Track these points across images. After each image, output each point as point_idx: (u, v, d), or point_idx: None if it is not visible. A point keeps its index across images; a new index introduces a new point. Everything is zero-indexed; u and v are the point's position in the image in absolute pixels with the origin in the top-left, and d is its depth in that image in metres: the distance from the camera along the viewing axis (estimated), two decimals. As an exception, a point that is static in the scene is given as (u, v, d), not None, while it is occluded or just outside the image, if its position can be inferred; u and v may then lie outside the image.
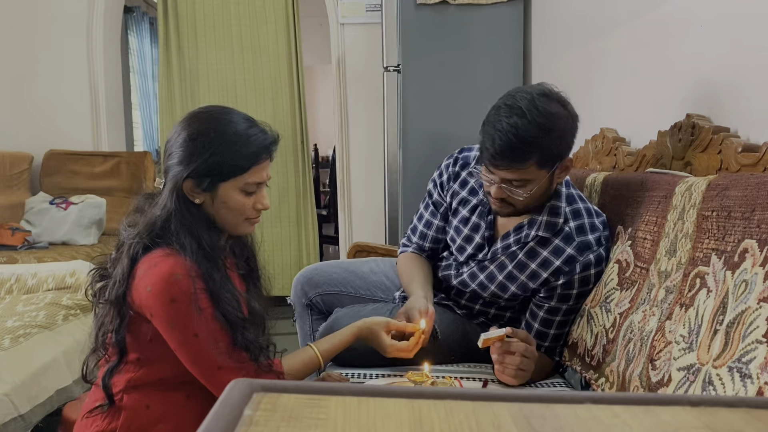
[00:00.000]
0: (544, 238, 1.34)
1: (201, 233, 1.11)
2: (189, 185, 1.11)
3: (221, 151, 1.10)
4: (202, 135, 1.11)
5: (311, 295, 1.73)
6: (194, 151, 1.10)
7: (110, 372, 1.11)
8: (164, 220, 1.10)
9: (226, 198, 1.13)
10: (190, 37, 3.36)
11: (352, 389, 0.41)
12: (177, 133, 1.13)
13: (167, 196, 1.11)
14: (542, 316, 1.39)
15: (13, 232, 2.96)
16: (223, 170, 1.11)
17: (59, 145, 3.44)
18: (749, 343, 0.78)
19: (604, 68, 1.83)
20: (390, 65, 2.50)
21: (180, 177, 1.10)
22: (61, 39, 3.43)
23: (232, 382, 0.39)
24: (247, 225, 1.18)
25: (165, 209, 1.11)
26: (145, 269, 1.07)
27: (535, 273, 1.36)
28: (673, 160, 1.35)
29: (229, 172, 1.11)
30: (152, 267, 1.06)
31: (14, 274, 2.29)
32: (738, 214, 0.90)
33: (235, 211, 1.14)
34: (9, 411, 1.56)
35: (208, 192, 1.12)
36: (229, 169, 1.11)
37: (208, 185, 1.11)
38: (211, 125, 1.13)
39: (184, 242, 1.09)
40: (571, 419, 0.37)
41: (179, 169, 1.10)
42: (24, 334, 1.80)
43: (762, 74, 1.14)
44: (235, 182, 1.12)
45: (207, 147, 1.10)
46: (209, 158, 1.10)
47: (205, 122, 1.14)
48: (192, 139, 1.11)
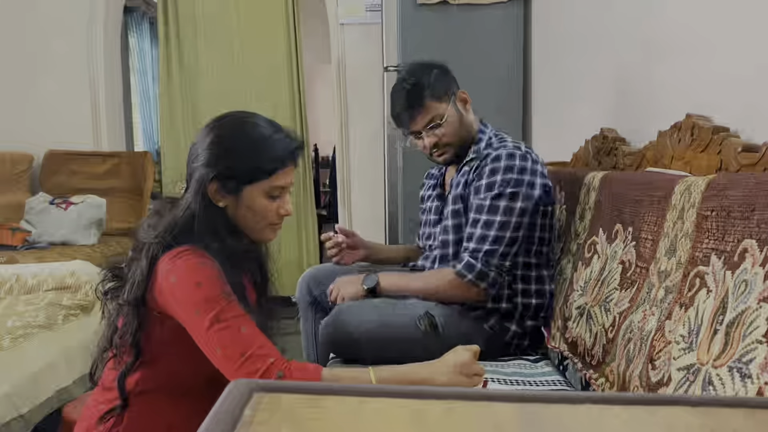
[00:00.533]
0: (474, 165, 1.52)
1: (224, 236, 1.10)
2: (214, 187, 1.10)
3: (248, 154, 1.11)
4: (229, 138, 1.12)
5: (316, 293, 1.76)
6: (221, 153, 1.10)
7: (124, 374, 1.09)
8: (186, 222, 1.09)
9: (250, 202, 1.12)
10: (190, 37, 3.36)
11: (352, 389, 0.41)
12: (204, 136, 1.13)
13: (191, 197, 1.11)
14: None
15: (13, 232, 2.96)
16: (250, 173, 1.11)
17: (59, 145, 3.44)
18: (749, 343, 0.78)
19: (604, 68, 1.83)
20: (390, 65, 2.50)
21: (206, 178, 1.09)
22: (61, 39, 3.43)
23: (232, 382, 0.39)
24: (270, 231, 1.18)
25: (188, 210, 1.10)
26: (167, 264, 1.06)
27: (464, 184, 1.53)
28: (673, 160, 1.35)
29: (255, 175, 1.11)
30: (175, 260, 1.05)
31: (14, 274, 2.28)
32: (738, 213, 0.90)
33: (259, 216, 1.14)
34: (9, 411, 1.55)
35: (233, 195, 1.12)
36: (256, 172, 1.11)
37: (234, 188, 1.11)
38: (238, 128, 1.14)
39: (207, 243, 1.08)
40: (571, 419, 0.37)
41: (205, 171, 1.10)
42: (24, 334, 1.80)
43: (762, 74, 1.14)
44: (260, 186, 1.12)
45: (234, 149, 1.11)
46: (236, 161, 1.10)
47: (231, 125, 1.15)
48: (219, 142, 1.11)
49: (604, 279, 1.30)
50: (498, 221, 1.44)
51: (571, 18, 2.09)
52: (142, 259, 1.07)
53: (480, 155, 1.53)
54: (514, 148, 1.49)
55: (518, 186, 1.45)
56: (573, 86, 2.08)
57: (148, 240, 1.09)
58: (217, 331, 1.03)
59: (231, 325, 1.03)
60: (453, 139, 1.55)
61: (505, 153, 1.47)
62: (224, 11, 3.35)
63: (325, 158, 6.22)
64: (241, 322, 1.04)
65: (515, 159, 1.46)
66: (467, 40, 2.40)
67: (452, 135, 1.54)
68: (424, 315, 1.46)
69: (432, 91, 1.51)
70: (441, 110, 1.52)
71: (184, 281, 1.04)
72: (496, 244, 1.44)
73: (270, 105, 3.37)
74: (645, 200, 1.22)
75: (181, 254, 1.05)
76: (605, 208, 1.40)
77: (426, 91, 1.51)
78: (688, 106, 1.33)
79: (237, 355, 1.02)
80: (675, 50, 1.44)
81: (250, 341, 1.03)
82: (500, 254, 1.45)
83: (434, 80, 1.52)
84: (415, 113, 1.52)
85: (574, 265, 1.48)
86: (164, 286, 1.05)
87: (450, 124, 1.53)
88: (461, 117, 1.55)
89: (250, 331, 1.04)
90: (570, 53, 2.10)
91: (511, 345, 1.54)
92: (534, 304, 1.54)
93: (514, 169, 1.45)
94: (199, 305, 1.03)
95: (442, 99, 1.52)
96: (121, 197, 3.39)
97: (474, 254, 1.45)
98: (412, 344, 1.43)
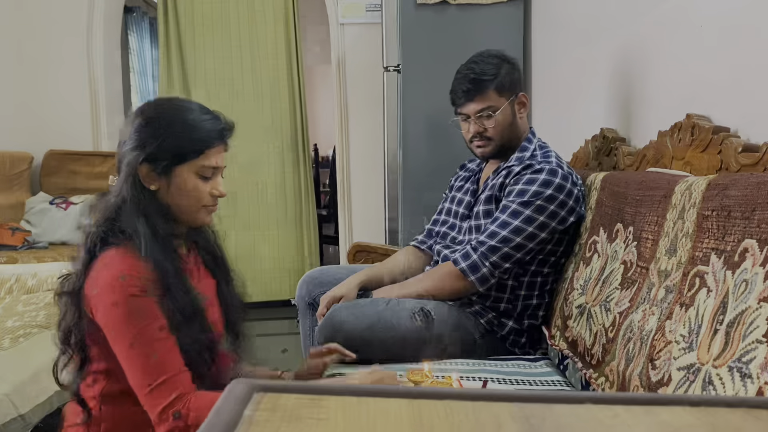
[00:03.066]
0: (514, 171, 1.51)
1: (156, 220, 1.08)
2: (145, 170, 1.08)
3: (176, 134, 1.09)
4: (156, 119, 1.10)
5: (315, 294, 1.76)
6: (149, 135, 1.08)
7: (77, 380, 1.08)
8: (118, 207, 1.07)
9: (182, 183, 1.10)
10: (190, 37, 3.35)
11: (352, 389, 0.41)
12: (130, 121, 1.11)
13: (122, 183, 1.08)
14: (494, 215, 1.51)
15: (13, 232, 2.96)
16: (179, 153, 1.09)
17: (59, 145, 3.43)
18: (749, 342, 0.78)
19: (604, 68, 1.83)
20: (390, 65, 2.50)
21: (135, 162, 1.07)
22: (61, 39, 3.43)
23: (233, 382, 0.39)
24: (205, 214, 1.15)
25: (120, 196, 1.08)
26: (97, 269, 1.04)
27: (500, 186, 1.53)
28: (673, 160, 1.35)
29: (184, 154, 1.09)
30: (103, 268, 1.04)
31: (14, 274, 2.28)
32: (738, 213, 0.90)
33: (192, 197, 1.12)
34: (9, 411, 1.55)
35: (164, 177, 1.09)
36: (184, 151, 1.09)
37: (164, 169, 1.09)
38: (165, 110, 1.13)
39: (138, 229, 1.05)
40: (571, 419, 0.37)
41: (134, 155, 1.07)
42: (24, 334, 1.80)
43: (762, 74, 1.14)
44: (190, 166, 1.10)
45: (161, 130, 1.09)
46: (164, 141, 1.08)
47: (158, 108, 1.14)
48: (146, 124, 1.09)
49: (605, 278, 1.30)
50: (514, 225, 1.44)
51: (570, 18, 2.09)
52: (82, 252, 1.07)
53: (522, 163, 1.52)
54: (557, 166, 1.48)
55: (549, 202, 1.45)
56: (573, 86, 2.08)
57: (86, 230, 1.08)
58: (128, 358, 1.02)
59: (141, 353, 1.01)
60: (497, 135, 1.55)
61: (548, 168, 1.46)
62: (224, 11, 3.35)
63: (325, 158, 6.22)
64: (153, 348, 1.02)
65: (556, 176, 1.46)
66: (467, 40, 2.39)
67: (498, 131, 1.54)
68: (419, 310, 1.47)
69: (498, 82, 1.52)
70: (498, 103, 1.53)
71: (102, 298, 1.02)
72: (502, 244, 1.44)
73: (270, 105, 3.37)
74: (645, 200, 1.22)
75: (109, 263, 1.04)
76: (606, 207, 1.40)
77: (492, 80, 1.52)
78: (688, 106, 1.33)
79: (145, 384, 1.01)
80: (675, 50, 1.44)
81: (159, 371, 1.01)
82: (502, 254, 1.45)
83: (504, 73, 1.53)
84: (473, 96, 1.53)
85: (576, 265, 1.48)
86: (90, 293, 1.04)
87: (500, 120, 1.53)
88: (513, 118, 1.56)
89: (162, 358, 1.02)
90: (570, 53, 2.10)
91: (507, 340, 1.55)
92: (534, 303, 1.55)
93: (551, 185, 1.45)
94: (115, 327, 1.02)
95: (503, 94, 1.53)
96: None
97: (476, 246, 1.46)
98: (408, 340, 1.45)
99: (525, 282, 1.53)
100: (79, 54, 3.44)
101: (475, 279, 1.46)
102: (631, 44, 1.66)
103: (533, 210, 1.44)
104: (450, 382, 1.26)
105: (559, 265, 1.56)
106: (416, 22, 2.39)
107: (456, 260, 1.48)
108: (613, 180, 1.42)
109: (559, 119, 2.24)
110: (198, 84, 3.37)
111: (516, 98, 1.55)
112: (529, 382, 1.37)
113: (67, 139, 3.45)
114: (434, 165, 2.38)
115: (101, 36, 3.45)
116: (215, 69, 3.36)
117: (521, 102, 1.57)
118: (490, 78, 1.51)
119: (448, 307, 1.53)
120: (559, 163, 1.51)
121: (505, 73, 1.53)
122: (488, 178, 1.60)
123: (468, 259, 1.46)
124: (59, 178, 3.37)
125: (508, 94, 1.53)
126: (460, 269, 1.47)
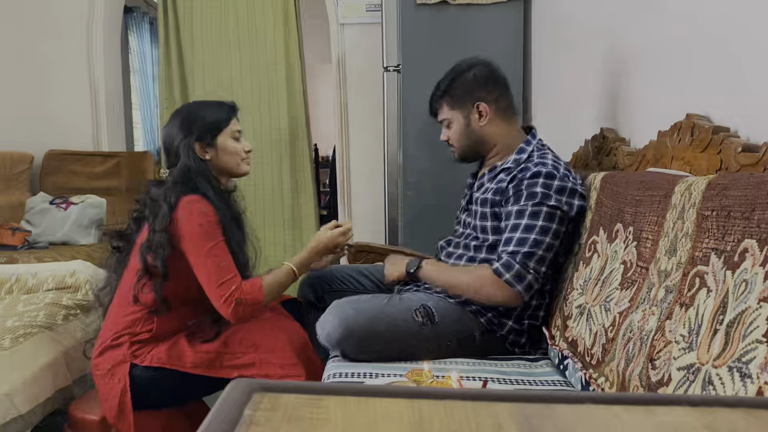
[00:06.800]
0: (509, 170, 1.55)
1: (211, 179, 1.60)
2: (198, 146, 1.61)
3: (208, 115, 1.63)
4: (190, 112, 1.65)
5: (319, 291, 1.83)
6: (190, 123, 1.61)
7: (160, 288, 1.52)
8: (185, 174, 1.56)
9: (224, 146, 1.64)
10: (190, 38, 3.35)
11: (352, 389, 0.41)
12: (170, 125, 1.64)
13: (184, 158, 1.58)
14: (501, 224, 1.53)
15: (14, 232, 2.96)
16: (216, 126, 1.63)
17: (59, 145, 3.43)
18: (749, 342, 0.78)
19: (604, 68, 1.83)
20: (390, 65, 2.50)
21: (191, 142, 1.59)
22: (61, 39, 3.43)
23: (233, 382, 0.40)
24: (244, 165, 1.68)
25: (185, 166, 1.57)
26: (182, 209, 1.51)
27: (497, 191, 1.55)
28: (673, 160, 1.35)
29: (219, 125, 1.63)
30: (186, 205, 1.52)
31: (14, 274, 2.28)
32: (738, 213, 0.90)
33: (233, 154, 1.65)
34: (9, 411, 1.55)
35: (212, 147, 1.62)
36: (219, 123, 1.63)
37: (211, 141, 1.62)
38: (190, 106, 1.71)
39: (202, 187, 1.56)
40: (571, 419, 0.37)
41: (187, 139, 1.59)
42: (24, 334, 1.80)
43: (762, 74, 1.14)
44: (225, 133, 1.64)
45: (196, 117, 1.62)
46: (203, 122, 1.61)
47: (184, 107, 1.70)
48: (186, 117, 1.63)
49: (605, 279, 1.30)
50: (539, 226, 1.44)
51: (570, 18, 2.09)
52: (162, 205, 1.52)
53: (519, 165, 1.53)
54: (553, 168, 1.49)
55: (560, 194, 1.46)
56: (573, 86, 2.08)
57: (162, 192, 1.54)
58: (205, 262, 1.51)
59: (215, 260, 1.51)
60: (456, 143, 1.65)
61: (545, 171, 1.47)
62: (224, 11, 3.34)
63: (325, 158, 6.22)
64: (222, 258, 1.52)
65: (558, 173, 1.48)
66: (467, 40, 2.40)
67: (456, 140, 1.65)
68: (421, 307, 1.48)
69: (447, 97, 1.63)
70: (452, 116, 1.63)
71: (190, 221, 1.51)
72: (535, 248, 1.43)
73: (270, 105, 3.36)
74: (645, 200, 1.22)
75: (191, 202, 1.52)
76: (606, 207, 1.40)
77: (441, 96, 1.64)
78: (688, 106, 1.33)
79: (215, 281, 1.51)
80: (675, 50, 1.44)
81: (225, 273, 1.52)
82: (538, 258, 1.44)
83: (453, 92, 1.62)
84: (434, 109, 1.68)
85: (575, 265, 1.48)
86: (177, 222, 1.51)
87: (455, 130, 1.63)
88: (468, 128, 1.62)
89: (228, 265, 1.53)
90: (570, 53, 2.10)
91: (507, 339, 1.55)
92: (534, 304, 1.55)
93: (553, 186, 1.46)
94: (196, 240, 1.51)
95: (454, 107, 1.62)
96: (121, 197, 3.39)
97: (513, 255, 1.44)
98: (409, 336, 1.46)
99: None
100: (79, 54, 3.44)
101: (522, 288, 1.43)
102: (631, 44, 1.66)
103: (549, 207, 1.45)
104: (450, 382, 1.26)
105: (557, 264, 1.56)
106: (416, 22, 2.39)
107: (498, 271, 1.44)
108: (612, 180, 1.42)
109: (559, 119, 2.24)
110: (198, 84, 3.37)
111: (473, 109, 1.60)
112: (529, 382, 1.37)
113: (67, 139, 3.45)
114: (434, 165, 2.38)
115: (101, 36, 3.45)
116: (215, 69, 3.35)
117: (479, 112, 1.60)
118: (440, 94, 1.64)
119: (449, 304, 1.54)
120: (555, 164, 1.51)
121: (456, 87, 1.61)
122: (483, 176, 1.65)
123: (510, 269, 1.43)
124: (59, 178, 3.37)
125: (460, 106, 1.61)
126: (504, 280, 1.43)
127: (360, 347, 1.43)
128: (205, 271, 1.51)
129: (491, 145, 1.63)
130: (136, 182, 3.40)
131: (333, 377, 1.38)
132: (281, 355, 1.57)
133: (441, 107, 1.65)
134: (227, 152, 1.63)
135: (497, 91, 1.61)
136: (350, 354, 1.44)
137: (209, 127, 1.60)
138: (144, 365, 1.53)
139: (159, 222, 1.50)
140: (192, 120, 1.60)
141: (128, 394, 1.51)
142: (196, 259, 1.51)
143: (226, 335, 1.59)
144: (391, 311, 1.47)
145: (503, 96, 1.62)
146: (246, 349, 1.58)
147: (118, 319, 1.57)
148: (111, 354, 1.55)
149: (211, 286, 1.51)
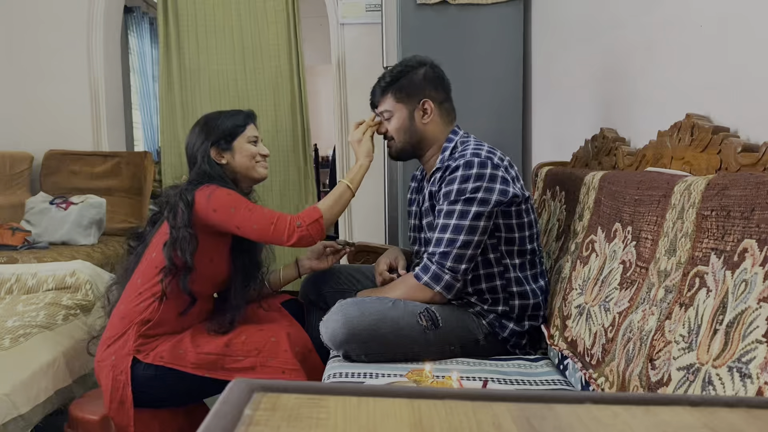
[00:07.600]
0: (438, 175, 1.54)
1: (227, 182, 1.66)
2: (215, 151, 1.68)
3: (226, 121, 1.70)
4: (208, 120, 1.72)
5: (321, 291, 1.84)
6: (207, 129, 1.69)
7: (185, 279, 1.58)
8: (200, 176, 1.63)
9: (241, 149, 1.70)
10: (190, 37, 3.35)
11: (352, 389, 0.41)
12: (191, 133, 1.72)
13: (201, 163, 1.65)
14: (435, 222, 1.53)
15: (13, 232, 2.95)
16: (232, 131, 1.69)
17: (59, 145, 3.43)
18: (749, 342, 0.78)
19: (604, 68, 1.83)
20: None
21: (207, 147, 1.67)
22: (61, 39, 3.43)
23: (233, 381, 0.40)
24: (260, 167, 1.73)
25: (202, 170, 1.65)
26: (203, 200, 1.57)
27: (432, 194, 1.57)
28: (673, 160, 1.35)
29: (236, 130, 1.70)
30: (205, 189, 1.59)
31: (14, 274, 2.28)
32: (737, 213, 0.90)
33: (249, 157, 1.71)
34: (9, 411, 1.55)
35: (228, 151, 1.69)
36: (235, 128, 1.70)
37: (227, 145, 1.69)
38: (209, 114, 1.76)
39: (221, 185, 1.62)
40: (571, 419, 0.37)
41: (205, 144, 1.67)
42: (24, 334, 1.80)
43: (762, 74, 1.14)
44: (242, 137, 1.71)
45: (214, 124, 1.70)
46: (219, 128, 1.69)
47: (205, 116, 1.75)
48: (204, 124, 1.71)
49: (604, 278, 1.30)
50: (452, 225, 1.46)
51: (570, 18, 2.09)
52: (179, 203, 1.57)
53: (443, 164, 1.55)
54: (472, 156, 1.48)
55: (475, 192, 1.45)
56: (573, 86, 2.08)
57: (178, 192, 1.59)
58: (249, 216, 1.58)
59: (257, 209, 1.61)
60: (397, 137, 1.64)
61: (463, 162, 1.47)
62: (224, 11, 3.34)
63: (325, 158, 6.22)
64: (257, 206, 1.63)
65: (472, 167, 1.46)
66: (467, 40, 2.40)
67: (396, 133, 1.64)
68: (425, 311, 1.48)
69: (395, 88, 1.61)
70: (395, 109, 1.62)
71: (217, 195, 1.57)
72: (449, 247, 1.46)
73: (271, 105, 3.36)
74: (645, 200, 1.22)
75: (206, 189, 1.59)
76: (604, 207, 1.40)
77: (388, 86, 1.62)
78: (688, 106, 1.33)
79: (268, 224, 1.60)
80: (675, 50, 1.44)
81: (272, 214, 1.61)
82: (454, 257, 1.46)
83: (402, 83, 1.60)
84: (377, 98, 1.66)
85: (572, 264, 1.48)
86: (203, 205, 1.57)
87: (395, 124, 1.63)
88: (410, 124, 1.61)
89: (269, 210, 1.63)
90: (570, 53, 2.10)
91: (509, 341, 1.55)
92: (531, 304, 1.55)
93: (470, 179, 1.46)
94: (233, 204, 1.58)
95: (401, 100, 1.61)
96: (121, 197, 3.38)
97: (430, 257, 1.49)
98: (413, 339, 1.45)
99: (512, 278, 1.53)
100: (79, 54, 3.44)
101: (440, 289, 1.49)
102: (631, 44, 1.66)
103: (463, 204, 1.45)
104: (450, 382, 1.26)
105: (536, 253, 1.58)
106: (416, 22, 2.39)
107: (417, 275, 1.51)
108: (611, 179, 1.42)
109: (559, 119, 2.24)
110: (198, 84, 3.36)
111: (418, 105, 1.59)
112: (529, 382, 1.37)
113: (67, 139, 3.45)
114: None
115: (101, 36, 3.45)
116: (215, 69, 3.35)
117: (423, 109, 1.60)
118: (385, 85, 1.62)
119: (452, 308, 1.54)
120: (475, 151, 1.50)
121: (405, 80, 1.60)
122: (423, 188, 1.67)
123: (428, 272, 1.49)
124: (59, 178, 3.37)
125: (407, 100, 1.60)
126: (423, 283, 1.49)
127: (363, 349, 1.43)
128: (255, 223, 1.58)
129: (428, 145, 1.63)
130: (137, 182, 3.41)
131: (333, 377, 1.38)
132: (283, 359, 1.59)
133: (385, 98, 1.63)
134: (242, 154, 1.69)
135: (444, 93, 1.63)
136: (353, 355, 1.44)
137: (225, 132, 1.67)
138: (146, 362, 1.56)
139: (180, 218, 1.55)
140: (210, 127, 1.68)
141: (129, 387, 1.54)
142: (240, 221, 1.57)
143: (229, 337, 1.61)
144: (395, 314, 1.46)
145: (447, 100, 1.64)
146: (248, 353, 1.59)
147: (124, 312, 1.61)
148: (116, 346, 1.58)
149: (267, 231, 1.58)
